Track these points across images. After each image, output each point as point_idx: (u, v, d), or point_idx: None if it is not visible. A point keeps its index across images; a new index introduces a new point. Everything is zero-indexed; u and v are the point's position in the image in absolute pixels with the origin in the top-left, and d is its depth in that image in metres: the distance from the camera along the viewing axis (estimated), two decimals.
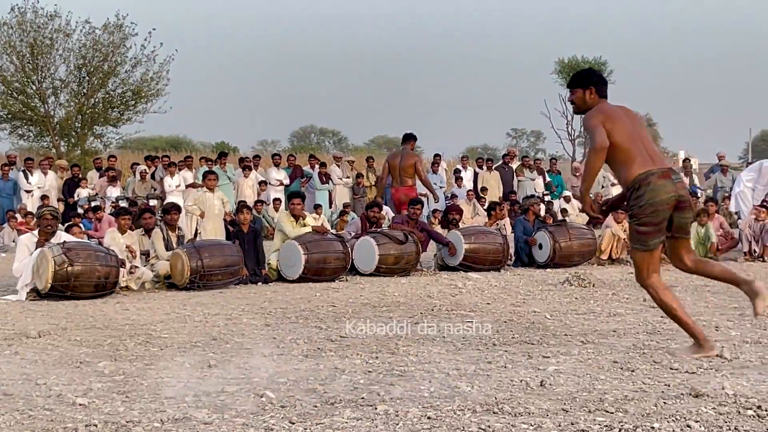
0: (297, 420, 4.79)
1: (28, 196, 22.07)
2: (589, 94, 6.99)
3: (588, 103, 6.99)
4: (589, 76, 7.15)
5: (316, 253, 13.03)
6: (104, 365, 6.49)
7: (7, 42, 31.50)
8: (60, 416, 4.91)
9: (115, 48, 32.53)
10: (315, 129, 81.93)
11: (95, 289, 10.97)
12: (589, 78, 7.11)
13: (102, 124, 34.15)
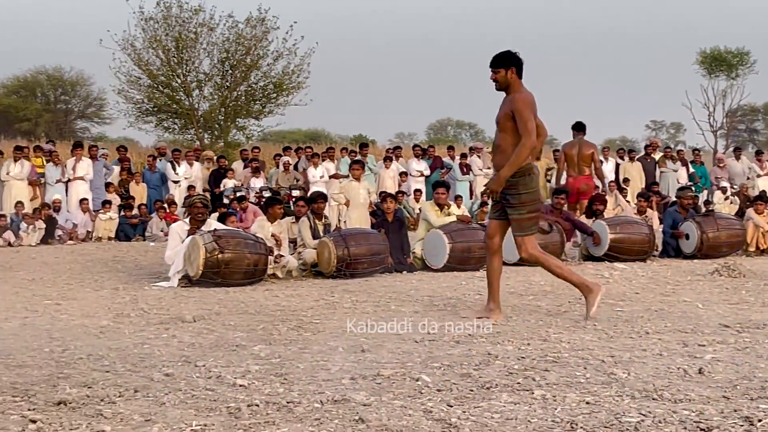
0: (455, 403, 4.82)
1: (175, 187, 22.68)
2: (510, 74, 7.87)
3: (509, 82, 7.89)
4: (510, 57, 7.93)
5: (461, 242, 13.04)
6: (260, 348, 6.62)
7: (153, 36, 32.33)
8: (222, 396, 5.04)
9: (257, 41, 33.10)
10: (452, 121, 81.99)
11: (244, 276, 11.20)
12: (510, 59, 7.91)
13: (244, 117, 34.80)
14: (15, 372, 5.76)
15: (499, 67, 7.91)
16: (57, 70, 53.43)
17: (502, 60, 7.93)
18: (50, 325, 7.89)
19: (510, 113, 7.83)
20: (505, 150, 7.91)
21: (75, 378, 5.55)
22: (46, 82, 53.49)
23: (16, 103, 50.99)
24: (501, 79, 7.92)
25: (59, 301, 9.62)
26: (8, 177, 21.02)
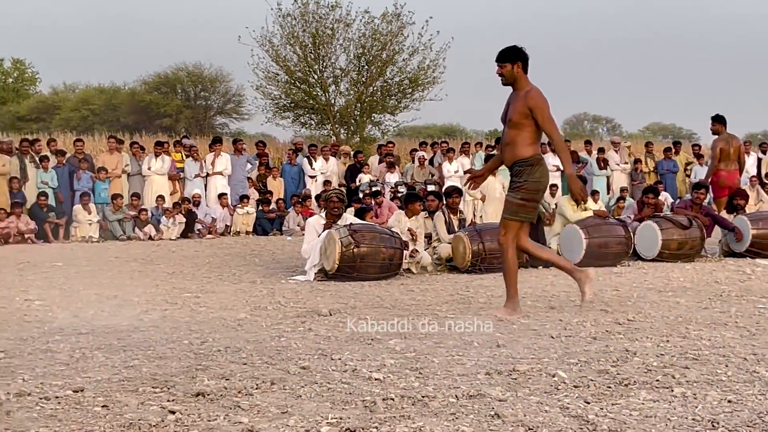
0: (592, 400, 4.73)
1: (311, 182, 22.94)
2: (516, 68, 7.91)
3: (515, 76, 7.93)
4: (517, 53, 7.96)
5: (598, 237, 12.87)
6: (395, 343, 6.62)
7: (290, 33, 32.76)
8: (357, 389, 5.05)
9: (393, 37, 33.22)
10: (588, 116, 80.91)
11: (380, 270, 11.25)
12: (517, 54, 7.94)
13: (380, 112, 34.95)
14: (155, 363, 5.88)
15: (505, 61, 7.96)
16: (197, 67, 54.47)
17: (508, 55, 7.97)
18: (189, 318, 8.05)
19: (526, 110, 7.82)
20: (518, 145, 7.93)
21: (213, 370, 5.63)
22: (187, 79, 54.57)
23: (157, 100, 52.19)
24: (507, 74, 7.97)
25: (198, 294, 9.81)
26: (149, 172, 21.56)
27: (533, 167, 7.93)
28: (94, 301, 9.20)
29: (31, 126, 49.93)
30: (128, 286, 10.50)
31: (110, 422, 4.36)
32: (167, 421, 4.37)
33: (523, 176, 7.93)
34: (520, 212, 8.05)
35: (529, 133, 7.88)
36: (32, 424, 4.33)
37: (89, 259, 14.86)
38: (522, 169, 7.93)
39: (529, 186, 7.93)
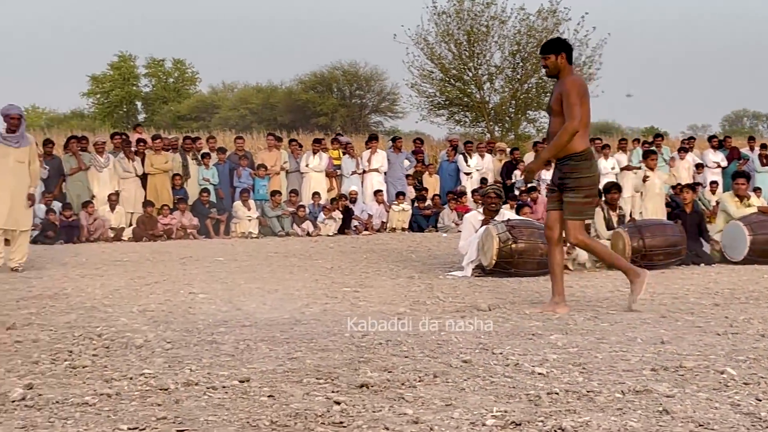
0: (764, 397, 4.58)
1: (467, 179, 22.90)
2: (560, 59, 7.90)
3: (559, 67, 7.91)
4: (560, 44, 8.07)
5: (763, 234, 12.46)
6: (556, 338, 6.54)
7: (445, 30, 32.83)
8: (521, 383, 4.99)
9: (548, 33, 32.91)
10: (747, 113, 78.68)
11: (537, 266, 11.12)
12: (560, 45, 8.03)
13: (535, 109, 34.71)
14: (318, 355, 5.93)
15: (548, 53, 7.97)
16: (352, 65, 55.14)
17: (551, 46, 8.02)
18: (350, 311, 8.11)
19: (560, 97, 7.80)
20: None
21: (375, 362, 5.66)
22: (342, 78, 55.26)
23: (314, 99, 52.99)
24: (551, 65, 7.96)
25: (357, 289, 9.88)
26: (307, 169, 21.85)
27: (587, 161, 7.90)
28: (255, 294, 9.35)
29: (191, 125, 51.34)
30: (288, 281, 10.65)
31: (276, 411, 4.42)
32: (333, 412, 4.40)
33: (578, 173, 7.88)
34: (585, 211, 8.08)
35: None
36: (201, 413, 4.42)
37: (249, 254, 15.14)
38: (576, 164, 7.86)
39: (587, 182, 7.93)
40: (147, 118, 58.75)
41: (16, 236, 12.22)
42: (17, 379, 5.23)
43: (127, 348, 6.24)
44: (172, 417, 4.34)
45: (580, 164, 7.86)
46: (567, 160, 7.90)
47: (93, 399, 4.69)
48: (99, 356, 5.96)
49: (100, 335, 6.73)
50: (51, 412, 4.46)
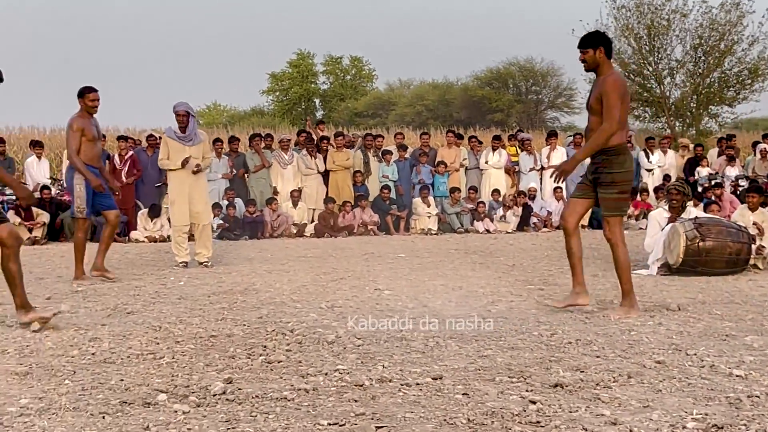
0: None
1: (648, 175, 22.44)
2: (599, 54, 7.71)
3: (597, 62, 7.73)
4: (598, 37, 7.86)
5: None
6: (751, 339, 6.36)
7: (625, 25, 32.31)
8: (719, 386, 4.88)
9: (731, 26, 32.04)
10: None
11: (726, 265, 10.81)
12: (598, 39, 7.81)
13: (717, 104, 33.80)
14: (508, 354, 5.92)
15: (587, 47, 7.78)
16: (528, 61, 54.77)
17: (590, 40, 7.81)
18: (536, 310, 8.06)
19: (600, 96, 7.61)
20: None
21: (567, 362, 5.61)
22: (518, 74, 54.95)
23: (490, 95, 52.85)
24: (589, 59, 7.78)
25: (542, 287, 9.82)
26: (487, 165, 21.78)
27: (619, 156, 7.70)
28: (440, 291, 9.38)
29: (368, 122, 51.86)
30: (471, 278, 10.65)
31: (473, 410, 4.43)
32: (529, 411, 4.39)
33: (611, 168, 7.70)
34: (622, 206, 7.93)
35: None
36: (397, 410, 4.47)
37: (430, 250, 15.21)
38: (608, 159, 7.69)
39: (621, 177, 7.75)
40: (324, 115, 59.67)
41: (199, 231, 12.60)
42: (216, 374, 5.40)
43: (319, 344, 6.36)
44: (370, 413, 4.40)
45: (613, 159, 7.69)
46: (600, 154, 7.74)
47: (291, 394, 4.80)
48: (293, 351, 6.10)
49: (292, 331, 6.88)
50: (252, 406, 4.58)
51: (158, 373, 5.41)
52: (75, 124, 10.51)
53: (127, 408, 4.54)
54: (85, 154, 10.65)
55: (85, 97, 10.56)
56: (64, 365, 5.67)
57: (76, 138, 10.53)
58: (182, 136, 12.27)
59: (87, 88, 10.62)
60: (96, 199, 10.90)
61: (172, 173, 12.36)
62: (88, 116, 10.64)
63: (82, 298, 9.11)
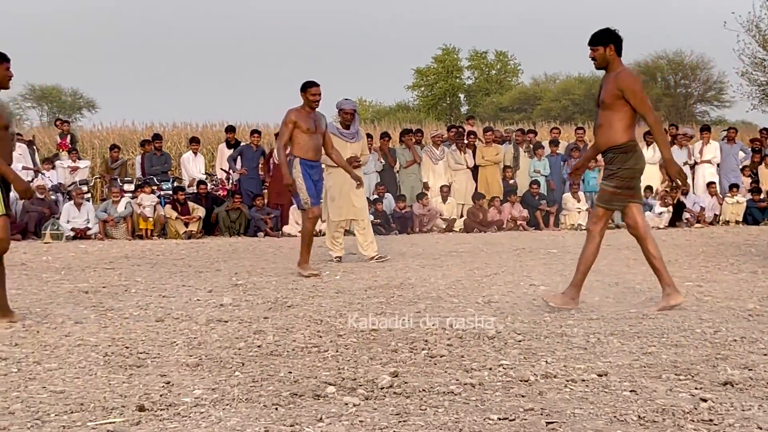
0: None
1: None
2: (609, 51, 7.63)
3: (607, 59, 7.65)
4: (608, 35, 7.67)
5: None
6: None
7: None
8: None
9: None
10: None
11: None
12: (608, 36, 7.66)
13: None
14: (672, 351, 5.84)
15: (597, 44, 7.70)
16: (678, 54, 53.73)
17: (600, 37, 7.70)
18: (697, 307, 7.91)
19: (617, 92, 7.52)
20: (610, 127, 7.64)
21: (734, 359, 5.51)
22: (667, 67, 53.98)
23: None
24: (599, 57, 7.71)
25: (700, 283, 9.61)
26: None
27: (627, 154, 7.66)
28: (596, 287, 9.29)
29: (513, 116, 51.59)
30: (626, 274, 10.51)
31: (642, 407, 4.39)
32: (700, 409, 4.32)
33: (617, 163, 7.68)
34: (613, 200, 7.82)
35: (622, 116, 7.60)
36: (566, 406, 4.45)
37: (581, 246, 14.95)
38: (615, 156, 7.68)
39: (623, 174, 7.69)
40: (469, 110, 59.60)
41: (363, 226, 12.73)
42: (381, 367, 5.46)
43: (479, 338, 6.37)
44: (539, 409, 4.40)
45: (619, 156, 7.66)
46: (608, 151, 7.74)
47: (458, 388, 4.83)
48: (454, 346, 6.13)
49: (451, 325, 6.90)
50: (420, 399, 4.63)
51: (324, 365, 5.51)
52: (288, 117, 10.74)
53: (298, 400, 4.64)
54: (301, 147, 10.80)
55: (307, 91, 10.74)
56: (232, 357, 5.83)
57: (287, 130, 10.74)
58: (345, 133, 12.41)
59: (310, 82, 10.77)
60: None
61: (333, 170, 12.44)
62: (307, 110, 10.81)
63: (242, 291, 9.31)
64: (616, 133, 7.62)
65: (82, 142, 26.28)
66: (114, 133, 30.34)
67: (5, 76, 7.27)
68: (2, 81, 7.26)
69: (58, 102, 60.18)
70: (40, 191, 18.76)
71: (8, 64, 7.28)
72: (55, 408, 4.50)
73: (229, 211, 18.95)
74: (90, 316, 7.68)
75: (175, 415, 4.35)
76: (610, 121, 7.62)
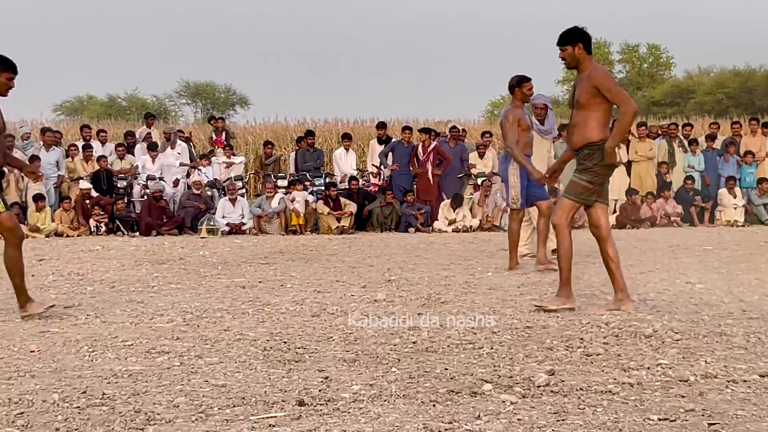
0: None
1: None
2: (577, 50, 7.50)
3: (577, 58, 7.53)
4: (576, 34, 7.53)
5: None
6: None
7: None
8: None
9: None
10: None
11: None
12: (576, 35, 7.51)
13: None
14: None
15: (565, 44, 7.57)
16: None
17: (568, 37, 7.57)
18: None
19: (593, 90, 7.38)
20: (585, 126, 7.48)
21: None
22: None
23: None
24: (568, 57, 7.59)
25: None
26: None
27: (601, 152, 7.43)
28: (755, 286, 9.06)
29: (666, 110, 50.52)
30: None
31: None
32: None
33: (594, 159, 7.47)
34: (583, 194, 7.57)
35: (598, 114, 7.46)
36: (728, 407, 4.37)
37: (738, 243, 14.69)
38: (592, 153, 7.47)
39: (598, 170, 7.50)
40: None
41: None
42: (537, 365, 5.44)
43: (636, 337, 6.28)
44: (700, 409, 4.32)
45: (597, 153, 7.45)
46: (583, 149, 7.54)
47: (615, 387, 4.78)
48: (610, 344, 6.06)
49: (607, 323, 6.82)
50: (578, 398, 4.60)
51: (480, 362, 5.51)
52: (511, 116, 10.67)
53: (455, 397, 4.65)
54: (518, 144, 10.73)
55: (522, 86, 10.68)
56: (388, 353, 5.88)
57: (514, 129, 10.69)
58: (542, 129, 12.31)
59: (523, 77, 10.69)
60: (530, 189, 11.03)
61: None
62: (521, 106, 10.82)
63: (395, 287, 9.38)
64: (591, 131, 7.46)
65: (236, 138, 26.90)
66: (267, 130, 30.94)
67: (4, 85, 7.50)
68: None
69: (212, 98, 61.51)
70: (196, 187, 19.31)
71: (11, 74, 7.50)
72: (218, 401, 4.61)
73: (382, 207, 19.13)
74: (248, 310, 7.85)
75: (335, 411, 4.42)
76: (585, 120, 7.49)
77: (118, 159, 20.19)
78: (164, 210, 18.85)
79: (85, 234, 18.17)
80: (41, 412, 4.41)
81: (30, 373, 5.34)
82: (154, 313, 7.69)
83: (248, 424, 4.20)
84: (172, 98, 59.19)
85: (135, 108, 50.23)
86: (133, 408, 4.46)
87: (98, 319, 7.44)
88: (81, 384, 4.99)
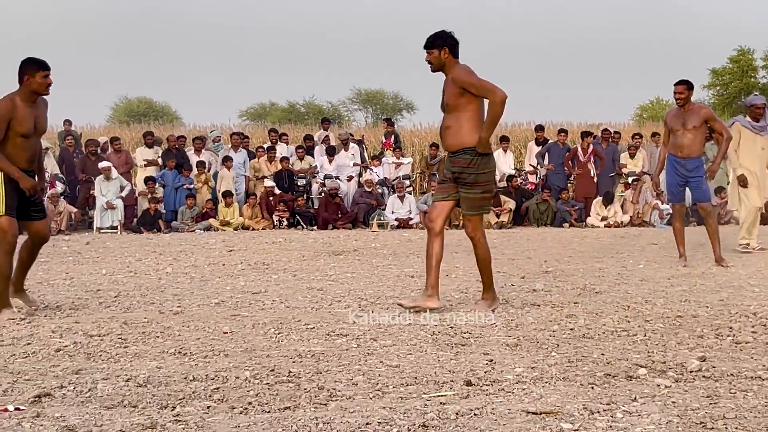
0: None
1: None
2: (443, 54, 7.06)
3: (443, 62, 7.08)
4: (443, 38, 7.09)
5: None
6: None
7: None
8: None
9: None
10: None
11: None
12: (443, 39, 7.08)
13: None
14: None
15: (432, 48, 7.12)
16: None
17: (434, 40, 7.11)
18: None
19: (459, 90, 6.91)
20: (460, 129, 6.98)
21: None
22: None
23: None
24: (434, 61, 7.13)
25: None
26: None
27: (483, 157, 6.99)
28: None
29: None
30: None
31: None
32: None
33: (474, 168, 6.99)
34: (484, 205, 7.27)
35: (470, 116, 6.96)
36: None
37: None
38: (471, 159, 6.96)
39: (484, 178, 7.06)
40: None
41: None
42: (688, 351, 5.35)
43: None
44: None
45: (476, 159, 6.97)
46: (461, 153, 7.02)
47: (765, 374, 4.67)
48: (758, 333, 5.91)
49: (755, 313, 6.65)
50: (729, 383, 4.50)
51: (634, 349, 5.45)
52: (665, 118, 10.73)
53: (612, 380, 4.62)
54: (670, 144, 10.60)
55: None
56: (548, 338, 5.86)
57: (666, 130, 10.67)
58: (756, 126, 12.04)
59: (679, 81, 10.44)
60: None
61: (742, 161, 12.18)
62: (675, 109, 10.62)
63: (552, 278, 9.33)
64: (467, 134, 6.98)
65: (403, 141, 27.13)
66: (432, 133, 31.05)
67: (42, 84, 7.19)
68: (39, 88, 7.17)
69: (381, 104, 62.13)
70: (368, 185, 19.60)
71: (46, 72, 7.18)
72: (393, 380, 4.68)
73: (538, 204, 19.09)
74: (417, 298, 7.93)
75: (500, 391, 4.44)
76: (458, 122, 7.00)
77: (298, 160, 20.72)
78: (339, 206, 19.21)
79: (268, 227, 18.68)
80: (234, 388, 4.56)
81: (224, 352, 5.53)
82: (332, 300, 7.85)
83: (421, 401, 4.26)
84: (345, 104, 60.08)
85: (312, 113, 51.13)
86: (316, 385, 4.58)
87: (283, 304, 7.63)
88: (269, 363, 5.14)
